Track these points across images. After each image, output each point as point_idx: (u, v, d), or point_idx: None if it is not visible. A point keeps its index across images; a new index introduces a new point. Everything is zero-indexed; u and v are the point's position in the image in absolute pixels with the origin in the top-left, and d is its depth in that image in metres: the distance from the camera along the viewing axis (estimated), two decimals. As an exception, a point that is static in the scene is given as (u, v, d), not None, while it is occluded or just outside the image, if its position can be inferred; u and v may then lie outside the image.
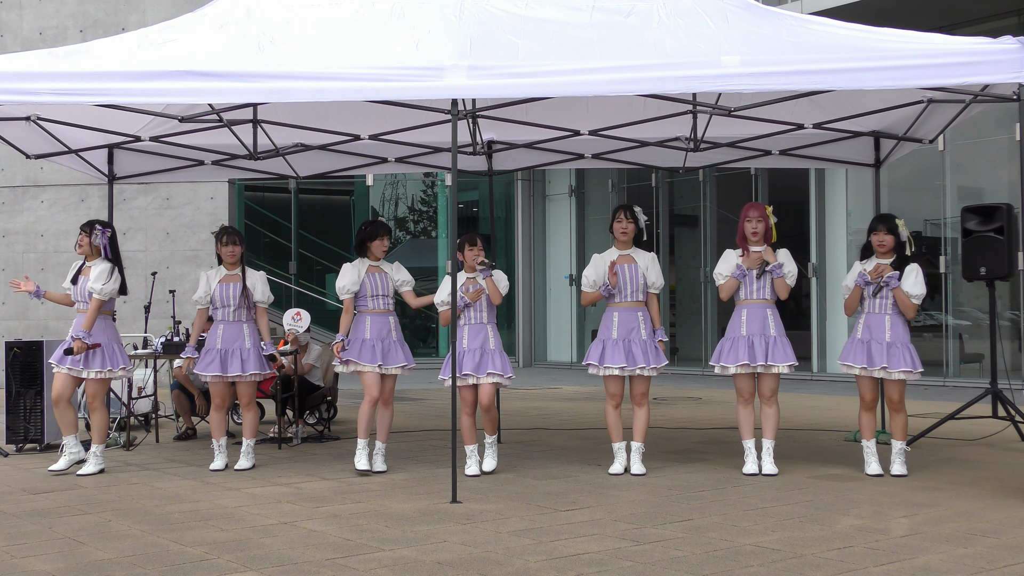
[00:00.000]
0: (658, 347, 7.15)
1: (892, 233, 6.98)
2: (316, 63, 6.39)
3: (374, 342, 7.24)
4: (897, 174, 14.28)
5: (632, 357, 7.03)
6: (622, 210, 7.22)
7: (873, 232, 7.02)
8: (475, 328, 7.16)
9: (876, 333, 6.94)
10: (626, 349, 7.05)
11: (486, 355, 7.08)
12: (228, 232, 7.52)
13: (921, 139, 8.39)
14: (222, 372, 7.32)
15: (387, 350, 7.27)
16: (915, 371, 6.86)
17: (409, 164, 9.80)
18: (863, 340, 6.96)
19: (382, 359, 7.22)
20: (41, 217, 16.28)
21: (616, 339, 7.08)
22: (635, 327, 7.10)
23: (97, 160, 9.19)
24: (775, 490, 6.50)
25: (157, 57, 6.48)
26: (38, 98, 6.41)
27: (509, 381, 7.13)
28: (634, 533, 5.32)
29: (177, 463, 7.83)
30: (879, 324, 6.94)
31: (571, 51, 6.50)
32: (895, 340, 6.90)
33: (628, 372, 7.04)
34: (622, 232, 7.17)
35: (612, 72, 6.13)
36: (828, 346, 15.50)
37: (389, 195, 20.28)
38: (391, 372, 7.28)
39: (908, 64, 6.00)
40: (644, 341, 7.09)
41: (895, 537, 5.20)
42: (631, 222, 7.18)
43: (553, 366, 19.23)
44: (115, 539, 5.29)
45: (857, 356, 6.94)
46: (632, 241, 7.20)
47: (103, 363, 7.26)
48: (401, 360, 7.29)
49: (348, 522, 5.65)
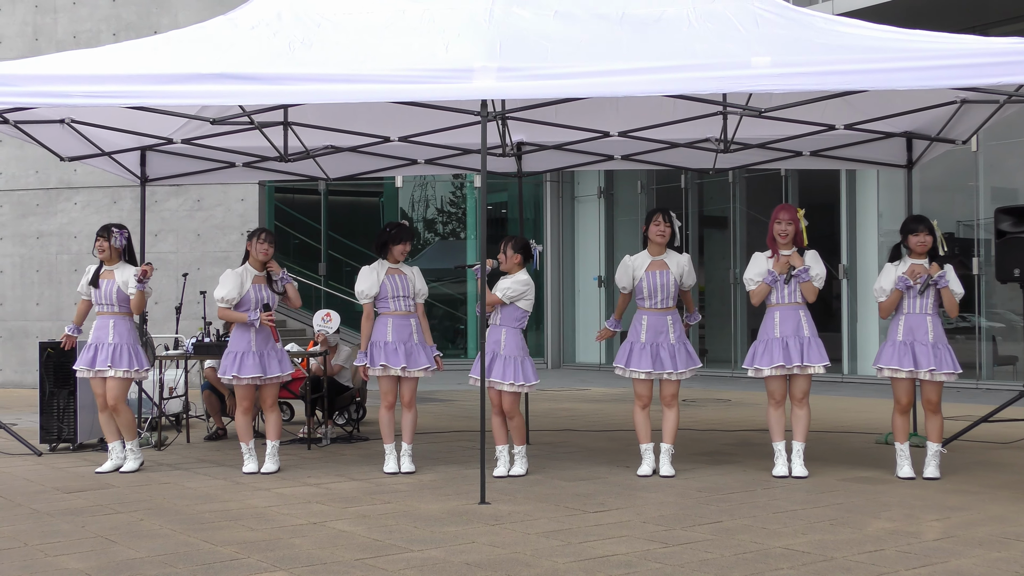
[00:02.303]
0: (690, 350, 7.11)
1: (931, 233, 6.93)
2: (346, 65, 6.42)
3: (396, 345, 7.24)
4: (930, 175, 14.16)
5: (660, 362, 7.01)
6: (660, 213, 7.16)
7: (912, 233, 6.95)
8: (492, 330, 7.10)
9: (919, 334, 6.87)
10: (653, 354, 7.02)
11: (496, 360, 7.02)
12: (266, 231, 7.56)
13: (954, 140, 8.32)
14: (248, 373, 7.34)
15: (410, 352, 7.27)
16: (956, 372, 6.83)
17: (438, 166, 9.82)
18: (905, 342, 6.89)
19: (406, 361, 7.23)
20: (75, 219, 16.44)
21: (644, 343, 7.06)
22: (664, 331, 7.07)
23: (130, 162, 9.28)
24: (805, 493, 6.46)
25: (189, 60, 6.54)
26: (71, 100, 6.46)
27: (514, 388, 6.98)
28: (663, 535, 5.30)
29: (207, 463, 7.89)
30: (921, 325, 6.87)
31: (601, 53, 6.49)
32: (937, 341, 6.85)
33: (655, 376, 7.02)
34: (659, 235, 7.13)
35: (642, 73, 6.11)
36: (859, 348, 15.40)
37: (418, 197, 20.33)
38: (414, 375, 7.28)
39: (941, 64, 5.95)
40: (672, 345, 7.05)
41: (927, 541, 5.15)
42: (668, 225, 7.13)
43: (582, 367, 19.21)
44: (147, 538, 5.34)
45: (902, 359, 6.86)
46: (666, 245, 7.17)
47: (130, 363, 7.36)
48: (424, 362, 7.29)
49: (377, 522, 5.67)
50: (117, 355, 7.31)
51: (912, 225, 7.00)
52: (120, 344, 7.35)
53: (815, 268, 6.99)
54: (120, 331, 7.39)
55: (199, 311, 11.96)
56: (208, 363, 9.40)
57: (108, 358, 7.30)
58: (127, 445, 7.45)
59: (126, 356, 7.34)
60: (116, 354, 7.31)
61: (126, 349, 7.35)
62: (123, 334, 7.39)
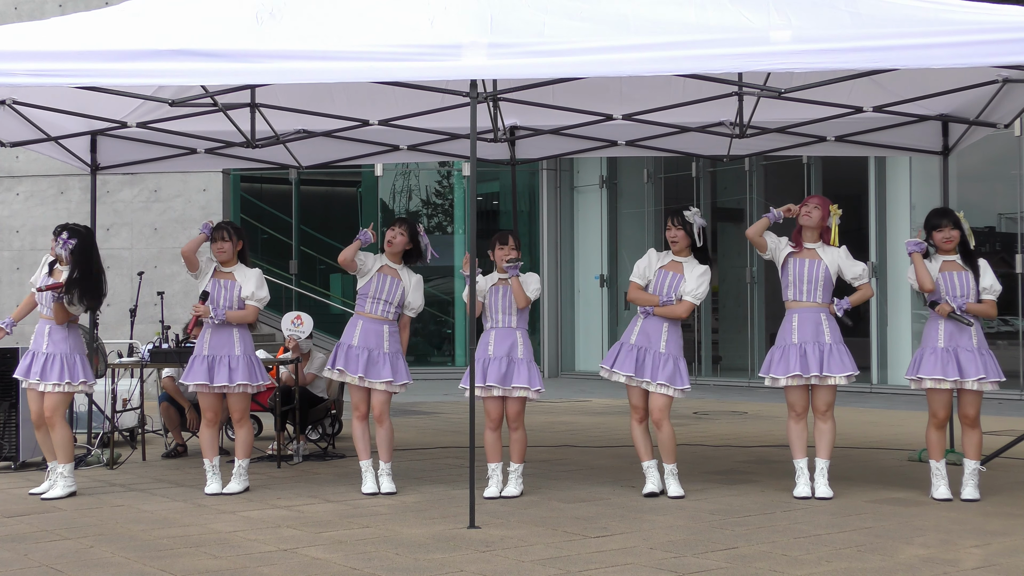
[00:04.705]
0: (683, 368, 7.11)
1: (958, 227, 6.95)
2: (321, 41, 6.41)
3: (359, 351, 7.25)
4: (968, 162, 14.19)
5: (642, 368, 7.02)
6: (671, 216, 7.20)
7: (936, 229, 6.99)
8: (503, 333, 7.16)
9: (962, 340, 6.88)
10: (639, 358, 7.03)
11: (513, 364, 7.09)
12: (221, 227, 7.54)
13: (995, 123, 8.34)
14: (208, 381, 7.33)
15: (374, 361, 7.26)
16: (1000, 380, 6.91)
17: (423, 152, 9.81)
18: (948, 349, 6.89)
19: (364, 370, 7.23)
20: (16, 211, 16.42)
21: (633, 345, 7.09)
22: (657, 337, 7.06)
23: (79, 148, 9.26)
24: (830, 515, 6.47)
25: (144, 34, 6.51)
26: (13, 80, 6.43)
27: (538, 395, 7.14)
28: (672, 563, 5.31)
29: (166, 483, 7.88)
30: (963, 328, 6.90)
31: (603, 27, 6.49)
32: (981, 346, 6.88)
33: (637, 383, 7.04)
34: (672, 242, 7.17)
35: (649, 50, 6.12)
36: (890, 355, 15.43)
37: (400, 187, 20.34)
38: (374, 387, 7.28)
39: (981, 39, 5.95)
40: (662, 355, 7.06)
41: (966, 569, 5.16)
42: (680, 228, 7.15)
43: (582, 376, 19.23)
44: (97, 567, 5.32)
45: (945, 368, 6.84)
46: (690, 248, 7.17)
47: (61, 375, 7.26)
48: (387, 375, 7.25)
49: (354, 549, 5.66)
50: (49, 366, 7.27)
51: (935, 220, 7.02)
52: (54, 354, 7.30)
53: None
54: (55, 339, 7.34)
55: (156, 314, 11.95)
56: (166, 372, 9.38)
57: (39, 370, 7.26)
58: (59, 468, 7.34)
59: (57, 367, 7.25)
60: (47, 365, 7.27)
61: (58, 360, 7.28)
62: (58, 342, 7.34)
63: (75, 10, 15.94)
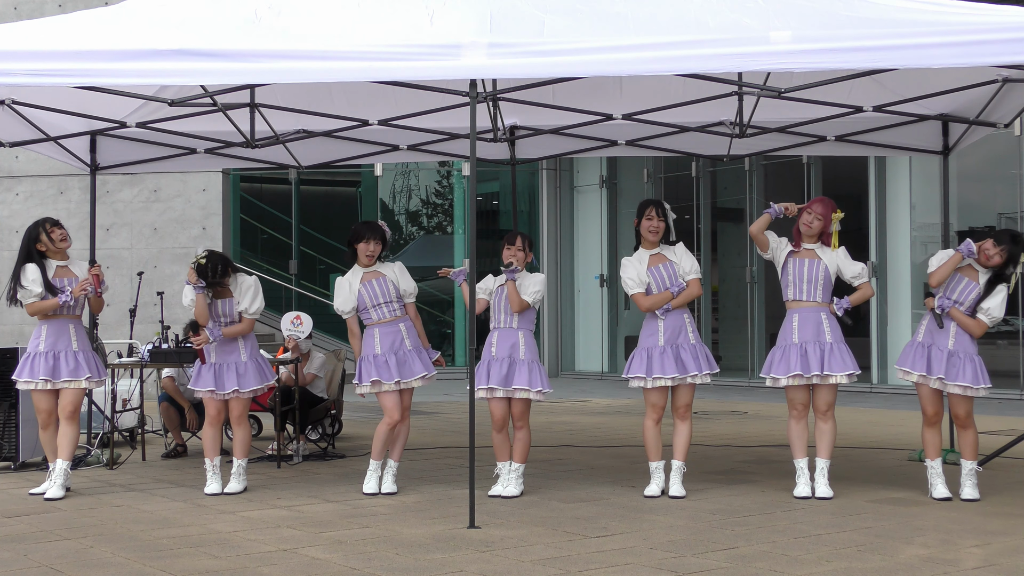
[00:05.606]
0: (708, 353, 7.16)
1: (1013, 261, 6.83)
2: (320, 40, 6.41)
3: (386, 356, 7.24)
4: (968, 162, 14.19)
5: (682, 365, 7.04)
6: (653, 206, 7.23)
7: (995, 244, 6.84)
8: (505, 334, 7.16)
9: (940, 339, 6.91)
10: (675, 355, 7.05)
11: (515, 365, 7.08)
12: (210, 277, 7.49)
13: (995, 123, 8.35)
14: (216, 388, 7.37)
15: (403, 361, 7.27)
16: (982, 386, 6.85)
17: (423, 152, 9.81)
18: (924, 344, 6.96)
19: (398, 373, 7.23)
20: (16, 211, 16.41)
21: (663, 346, 7.08)
22: (682, 330, 7.09)
23: (78, 148, 9.26)
24: (830, 515, 6.48)
25: (144, 33, 6.51)
26: (13, 79, 6.43)
27: (541, 396, 7.13)
28: (672, 563, 5.31)
29: (165, 483, 7.88)
30: (943, 329, 6.92)
31: (603, 26, 6.49)
32: (958, 349, 6.87)
33: (679, 381, 7.05)
34: (652, 231, 7.18)
35: (649, 49, 6.12)
36: (890, 355, 15.43)
37: (400, 186, 20.34)
38: (411, 385, 7.30)
39: (981, 39, 5.95)
40: (693, 346, 7.10)
41: (966, 569, 5.17)
42: (662, 220, 7.18)
43: (582, 376, 19.24)
44: (97, 567, 5.33)
45: (915, 362, 6.92)
46: (660, 240, 7.22)
47: (92, 371, 7.42)
48: (420, 370, 7.29)
49: (354, 549, 5.66)
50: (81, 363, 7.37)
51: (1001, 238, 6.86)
52: (81, 351, 7.40)
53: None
54: (81, 336, 7.45)
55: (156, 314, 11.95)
56: (166, 372, 9.38)
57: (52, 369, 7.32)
58: (63, 465, 7.32)
59: (91, 364, 7.43)
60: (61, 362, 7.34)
61: (86, 356, 7.42)
62: (83, 339, 7.46)
63: (75, 10, 15.94)
